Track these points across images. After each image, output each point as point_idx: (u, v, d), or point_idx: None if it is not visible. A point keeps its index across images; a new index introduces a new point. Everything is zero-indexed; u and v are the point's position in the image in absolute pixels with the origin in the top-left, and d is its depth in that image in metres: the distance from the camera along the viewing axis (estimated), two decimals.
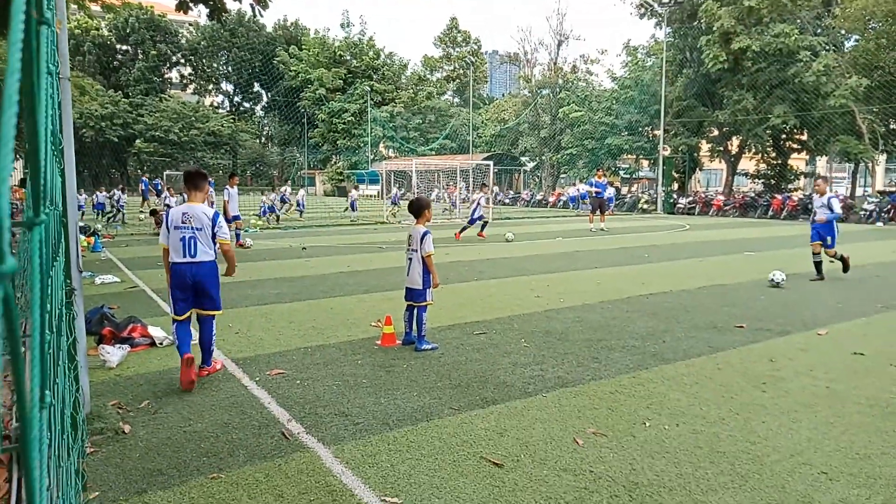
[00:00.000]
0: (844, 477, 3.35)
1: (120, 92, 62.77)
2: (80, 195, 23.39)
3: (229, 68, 74.49)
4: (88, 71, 60.12)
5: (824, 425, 4.05)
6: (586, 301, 8.09)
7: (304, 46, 69.07)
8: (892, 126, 31.15)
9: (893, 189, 37.23)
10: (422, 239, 5.67)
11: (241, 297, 8.39)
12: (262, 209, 23.59)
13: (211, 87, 76.89)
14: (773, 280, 9.20)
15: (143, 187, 31.30)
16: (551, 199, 39.28)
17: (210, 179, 5.46)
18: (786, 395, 4.62)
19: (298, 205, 27.11)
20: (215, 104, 77.02)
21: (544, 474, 3.36)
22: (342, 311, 7.56)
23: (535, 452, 3.62)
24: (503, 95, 77.35)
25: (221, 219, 5.01)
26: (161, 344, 5.89)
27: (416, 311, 5.81)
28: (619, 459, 3.55)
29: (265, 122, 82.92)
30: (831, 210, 9.50)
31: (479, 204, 17.77)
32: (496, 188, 42.41)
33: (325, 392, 4.65)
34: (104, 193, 23.50)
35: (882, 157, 38.76)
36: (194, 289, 4.86)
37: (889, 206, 25.71)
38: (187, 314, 4.91)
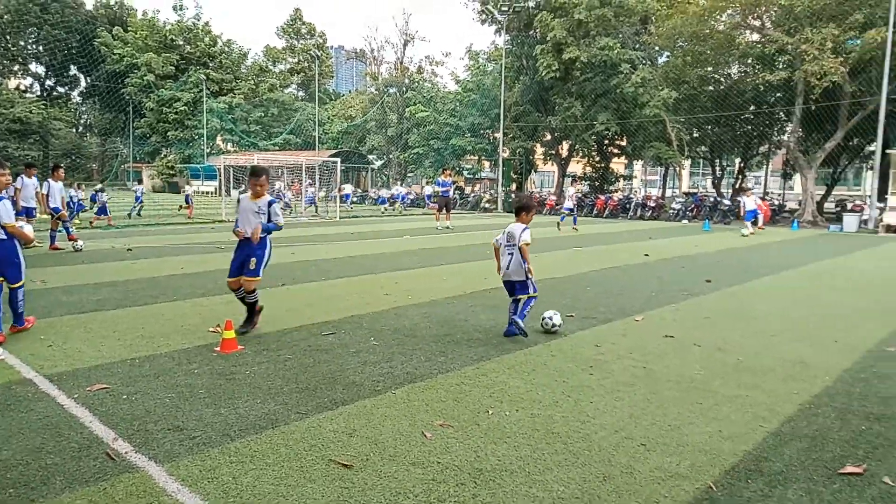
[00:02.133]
0: (660, 447, 3.75)
1: None
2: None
3: (40, 48, 65.93)
4: None
5: (642, 402, 4.51)
6: (433, 297, 8.28)
7: (129, 28, 63.11)
8: (695, 134, 35.51)
9: (696, 191, 42.53)
10: (521, 233, 6.26)
11: (53, 305, 7.48)
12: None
13: (17, 67, 67.56)
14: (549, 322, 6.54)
15: None
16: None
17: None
18: (610, 376, 5.08)
19: (136, 199, 25.21)
20: (22, 87, 67.77)
21: (393, 470, 3.39)
22: (175, 316, 7.03)
23: (385, 450, 3.64)
24: (350, 92, 76.69)
25: (5, 204, 5.89)
26: None
27: (522, 302, 6.28)
28: (464, 448, 3.68)
29: (83, 109, 74.56)
30: (269, 219, 6.21)
31: (569, 197, 21.30)
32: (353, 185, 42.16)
33: (157, 406, 4.29)
34: None
35: (687, 162, 44.11)
36: None
37: (693, 206, 29.33)
38: None
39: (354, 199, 41.04)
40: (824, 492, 3.21)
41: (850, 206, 28.34)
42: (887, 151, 24.27)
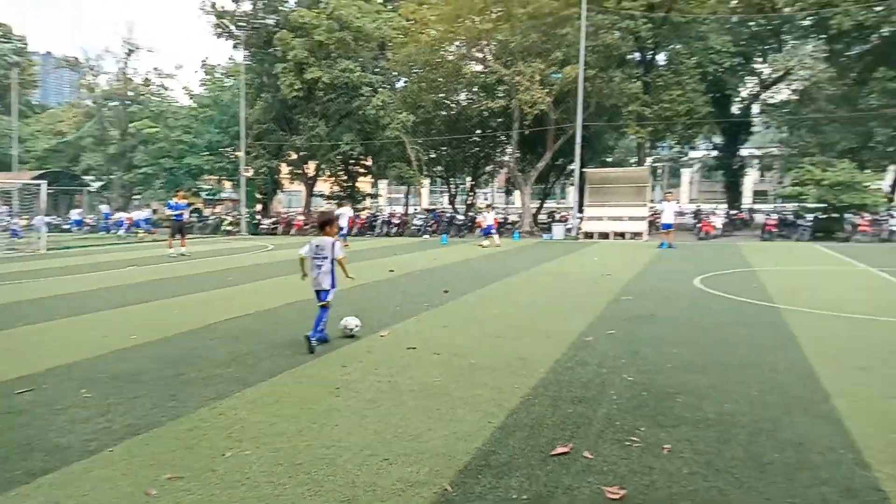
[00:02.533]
0: (401, 459, 3.84)
1: None
2: None
3: None
4: None
5: (387, 416, 4.59)
6: (164, 334, 7.48)
7: None
8: (432, 155, 38.24)
9: (435, 207, 45.79)
10: (332, 246, 6.83)
11: None
12: None
13: None
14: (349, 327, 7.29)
15: None
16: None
17: None
18: (356, 395, 5.09)
19: None
20: None
21: None
22: None
23: None
24: (60, 105, 66.83)
25: None
26: None
27: (320, 311, 6.73)
28: (196, 500, 3.33)
29: None
30: None
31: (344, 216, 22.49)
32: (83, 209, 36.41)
33: None
34: None
35: (426, 181, 47.29)
36: None
37: (433, 222, 31.47)
38: None
39: (66, 225, 35.58)
40: (540, 474, 3.60)
41: (558, 217, 33.17)
42: (583, 170, 28.98)
